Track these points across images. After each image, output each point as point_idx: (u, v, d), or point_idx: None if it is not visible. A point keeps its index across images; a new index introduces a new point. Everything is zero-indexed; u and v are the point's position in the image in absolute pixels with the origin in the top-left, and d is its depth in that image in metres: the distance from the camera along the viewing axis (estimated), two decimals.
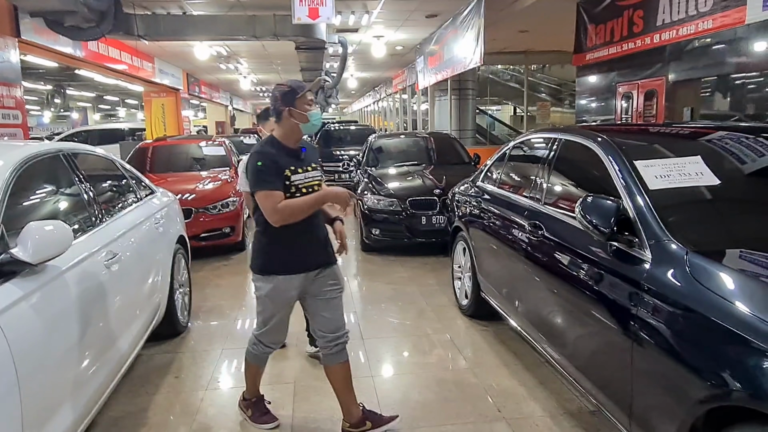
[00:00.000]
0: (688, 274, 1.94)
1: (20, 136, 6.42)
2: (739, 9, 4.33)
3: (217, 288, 5.57)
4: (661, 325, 1.97)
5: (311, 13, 5.73)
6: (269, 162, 2.42)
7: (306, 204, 2.45)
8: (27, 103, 25.03)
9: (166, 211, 4.23)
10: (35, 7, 5.62)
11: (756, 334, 1.61)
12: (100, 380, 2.51)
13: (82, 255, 2.50)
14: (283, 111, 2.48)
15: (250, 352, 2.82)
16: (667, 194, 2.34)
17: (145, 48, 10.88)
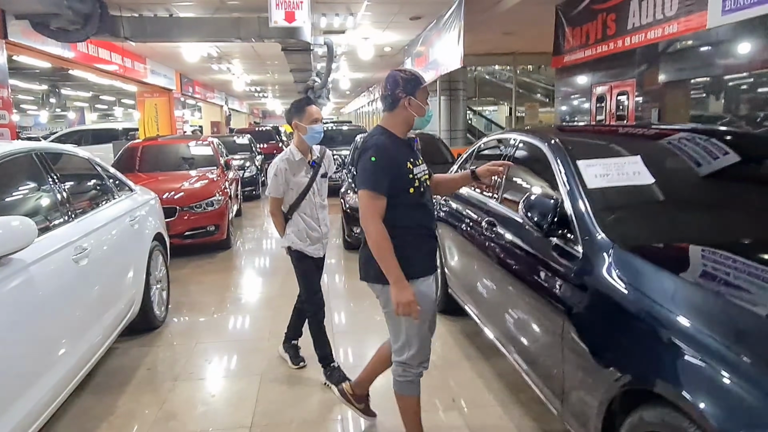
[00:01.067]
0: (610, 268, 2.06)
1: (7, 136, 6.53)
2: (701, 14, 4.46)
3: (199, 285, 5.68)
4: (585, 315, 2.11)
5: (287, 16, 5.85)
6: (385, 159, 2.19)
7: (387, 260, 2.17)
8: (24, 103, 24.97)
9: (143, 209, 4.35)
10: (20, 9, 5.74)
11: (658, 322, 1.73)
12: (65, 370, 2.63)
13: (48, 250, 2.63)
14: (402, 99, 2.25)
15: (401, 384, 2.40)
16: (603, 193, 2.46)
17: (136, 49, 11.00)
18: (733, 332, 1.57)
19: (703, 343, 1.56)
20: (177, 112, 16.36)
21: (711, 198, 2.54)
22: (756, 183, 2.68)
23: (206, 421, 2.95)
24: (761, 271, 1.96)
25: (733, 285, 1.88)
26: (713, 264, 2.05)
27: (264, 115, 49.29)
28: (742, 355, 1.46)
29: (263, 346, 3.93)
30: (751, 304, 1.72)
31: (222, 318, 4.65)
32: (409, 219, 2.28)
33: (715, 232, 2.31)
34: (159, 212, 4.90)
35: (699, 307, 1.72)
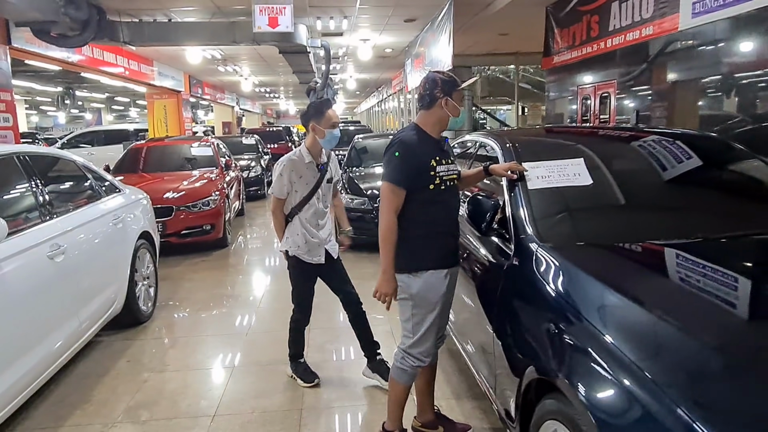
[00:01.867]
0: (532, 266, 2.17)
1: (10, 138, 6.79)
2: (673, 16, 4.51)
3: (190, 282, 5.86)
4: (510, 311, 2.22)
5: (271, 22, 6.01)
6: (409, 155, 2.29)
7: (387, 252, 2.33)
8: (43, 105, 25.46)
9: (130, 208, 4.53)
10: (20, 17, 6.00)
11: (562, 319, 1.83)
12: (38, 359, 2.81)
13: (21, 247, 2.80)
14: (439, 99, 2.34)
15: (397, 370, 2.49)
16: (542, 194, 2.55)
17: (142, 52, 11.28)
18: (628, 334, 1.62)
19: (598, 341, 1.61)
20: (188, 113, 16.67)
21: (648, 199, 2.62)
22: (699, 185, 2.74)
23: (173, 410, 3.10)
24: (675, 271, 2.05)
25: (643, 287, 1.92)
26: (632, 264, 2.14)
27: (278, 115, 49.65)
28: (632, 356, 1.49)
29: (240, 341, 4.09)
30: (651, 305, 1.74)
31: (206, 314, 4.82)
32: (424, 214, 2.36)
33: (648, 232, 2.39)
34: (148, 212, 5.09)
35: (601, 307, 1.80)
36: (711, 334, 1.56)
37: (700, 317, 1.65)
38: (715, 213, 2.51)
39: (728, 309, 1.77)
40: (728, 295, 1.82)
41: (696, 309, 1.70)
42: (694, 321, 1.63)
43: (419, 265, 2.37)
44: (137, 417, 3.04)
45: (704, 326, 1.60)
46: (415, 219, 2.35)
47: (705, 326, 1.60)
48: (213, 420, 2.97)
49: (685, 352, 1.50)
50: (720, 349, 1.50)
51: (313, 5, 7.30)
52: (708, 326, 1.60)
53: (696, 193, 2.65)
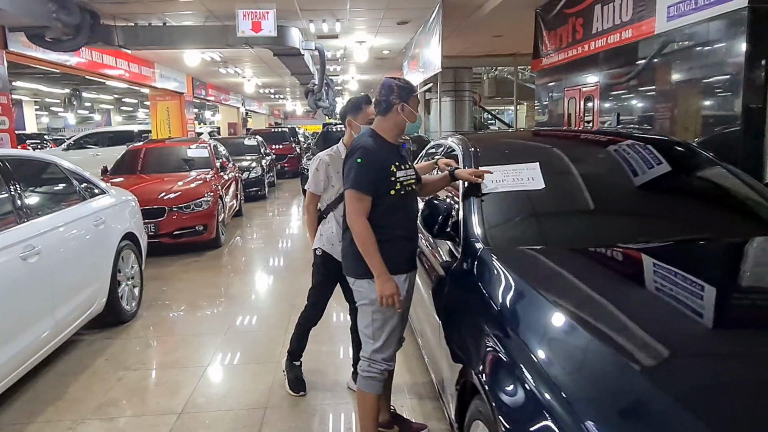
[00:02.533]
0: (473, 269, 2.22)
1: (6, 141, 6.94)
2: (650, 20, 4.54)
3: (179, 282, 5.95)
4: (451, 312, 2.28)
5: (254, 26, 6.10)
6: (371, 160, 2.31)
7: (372, 255, 2.30)
8: (52, 106, 25.78)
9: (113, 209, 4.63)
10: (13, 23, 6.14)
11: (488, 322, 1.88)
12: (7, 356, 2.90)
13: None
14: (396, 105, 2.38)
15: (366, 381, 2.46)
16: (493, 198, 2.60)
17: (143, 55, 11.43)
18: (545, 341, 1.64)
19: (516, 346, 1.65)
20: (191, 115, 16.84)
21: (598, 203, 2.64)
22: (653, 190, 2.76)
23: (142, 408, 3.19)
24: (607, 276, 2.07)
25: (571, 292, 1.92)
26: (567, 269, 2.14)
27: (285, 116, 49.90)
28: (544, 364, 1.51)
29: (217, 341, 4.16)
30: (575, 312, 1.75)
31: (190, 314, 4.90)
32: (387, 219, 2.37)
33: (592, 237, 2.43)
34: (135, 213, 5.18)
35: (524, 312, 1.83)
36: (626, 343, 1.56)
37: (618, 324, 1.67)
38: (665, 218, 2.54)
39: (652, 314, 1.77)
40: (655, 300, 1.86)
41: (615, 315, 1.73)
42: (613, 328, 1.63)
43: None
44: (106, 414, 3.12)
45: (621, 334, 1.60)
46: (375, 224, 2.34)
47: (622, 334, 1.60)
48: (179, 417, 3.04)
49: (598, 363, 1.49)
50: (633, 359, 1.47)
51: (304, 8, 7.38)
52: (625, 333, 1.61)
53: (648, 197, 2.68)
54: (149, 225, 6.77)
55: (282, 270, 6.51)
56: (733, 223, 2.48)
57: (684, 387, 1.34)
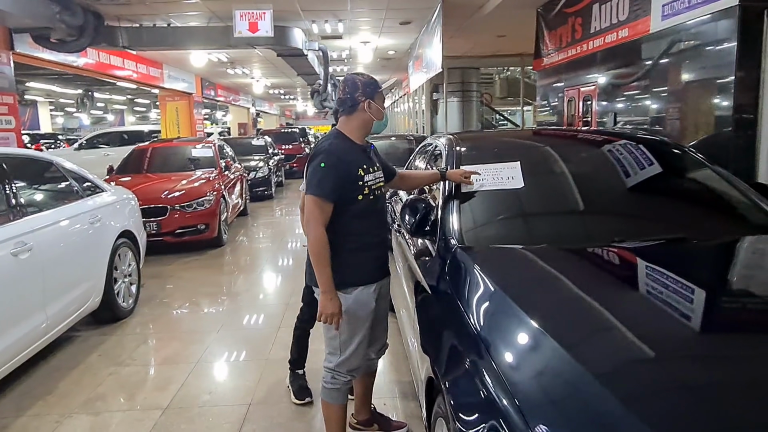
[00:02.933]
0: (444, 267, 2.23)
1: (12, 140, 7.06)
2: (645, 19, 4.50)
3: (179, 280, 6.02)
4: (424, 309, 2.28)
5: (251, 27, 6.14)
6: (336, 165, 2.18)
7: (322, 269, 2.17)
8: (67, 106, 26.16)
9: (110, 208, 4.69)
10: (17, 24, 6.25)
11: (452, 321, 1.88)
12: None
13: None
14: (361, 102, 2.25)
15: (329, 392, 2.39)
16: (472, 197, 2.60)
17: (151, 56, 11.57)
18: (504, 342, 1.62)
19: (475, 345, 1.64)
20: (200, 115, 16.98)
21: (576, 202, 2.63)
22: (634, 190, 2.73)
23: (129, 403, 3.23)
24: (575, 276, 2.05)
25: (535, 292, 1.91)
26: (535, 268, 2.11)
27: (297, 116, 50.13)
28: (500, 366, 1.49)
29: (210, 338, 4.21)
30: (538, 314, 1.70)
31: (185, 312, 4.96)
32: (356, 226, 2.26)
33: (566, 236, 2.42)
34: (133, 211, 5.24)
35: (487, 311, 1.82)
36: (586, 346, 1.54)
37: (579, 325, 1.65)
38: (639, 217, 2.52)
39: (614, 315, 1.70)
40: (617, 300, 1.84)
41: (577, 315, 1.71)
42: (573, 329, 1.62)
43: (349, 281, 2.26)
44: (94, 409, 3.17)
45: (582, 336, 1.59)
46: (343, 232, 2.23)
47: (583, 336, 1.59)
48: (163, 413, 3.08)
49: (555, 366, 1.46)
50: (591, 363, 1.43)
51: (306, 9, 7.42)
52: (585, 335, 1.60)
53: (624, 196, 2.65)
54: (151, 223, 6.88)
55: (281, 269, 6.55)
56: (711, 223, 2.45)
57: (639, 392, 1.32)
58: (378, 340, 2.56)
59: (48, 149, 18.95)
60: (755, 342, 1.52)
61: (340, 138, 2.29)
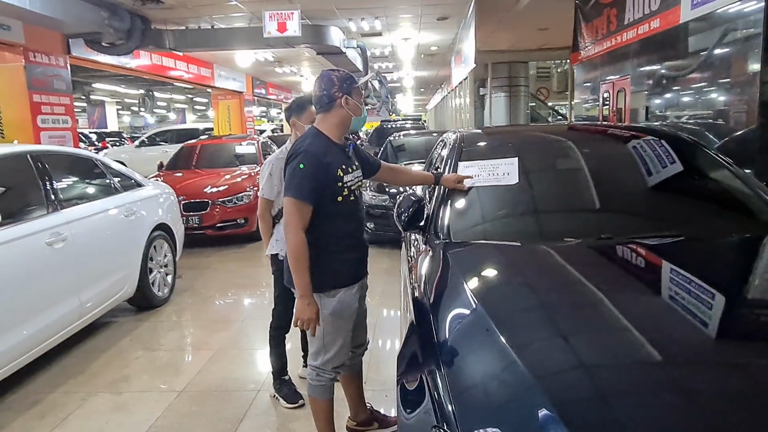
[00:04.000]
0: (434, 261, 2.25)
1: (69, 138, 7.58)
2: (675, 9, 4.33)
3: (215, 271, 6.30)
4: (411, 303, 2.32)
5: (280, 27, 6.30)
6: (315, 166, 2.13)
7: (300, 273, 2.15)
8: (131, 106, 27.62)
9: (147, 202, 4.96)
10: (70, 31, 6.72)
11: (418, 313, 1.92)
12: (33, 330, 3.24)
13: (18, 234, 3.23)
14: (338, 99, 2.19)
15: (316, 388, 2.41)
16: (464, 193, 2.61)
17: (201, 56, 12.06)
18: (457, 343, 1.62)
19: (430, 342, 1.65)
20: (250, 113, 17.55)
21: (568, 199, 2.58)
22: (636, 187, 2.65)
23: (149, 385, 3.45)
24: (550, 275, 2.03)
25: (503, 290, 1.91)
26: (510, 265, 2.10)
27: None
28: (445, 366, 1.49)
29: (233, 327, 4.40)
30: (502, 310, 1.72)
31: (216, 301, 5.19)
32: (336, 228, 2.24)
33: (552, 232, 2.39)
34: (170, 205, 5.51)
35: (446, 310, 1.81)
36: (535, 349, 1.50)
37: (535, 327, 1.62)
38: (631, 214, 2.46)
39: (571, 315, 1.68)
40: (580, 300, 1.80)
41: (535, 316, 1.70)
42: (528, 331, 1.59)
43: (333, 284, 2.25)
44: (117, 388, 3.40)
45: (532, 338, 1.55)
46: (323, 234, 2.20)
47: (533, 338, 1.55)
48: (178, 396, 3.26)
49: (501, 369, 1.44)
50: (536, 368, 1.39)
51: (341, 7, 7.54)
52: (536, 338, 1.56)
53: (617, 194, 2.56)
54: (194, 217, 7.23)
55: None
56: (699, 220, 2.37)
57: (583, 400, 1.30)
58: (358, 338, 2.56)
59: (113, 146, 20.13)
60: (702, 345, 1.48)
61: (319, 137, 2.23)
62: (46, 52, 7.06)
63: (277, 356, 3.19)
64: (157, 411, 3.09)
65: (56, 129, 7.38)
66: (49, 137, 7.26)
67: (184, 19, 7.90)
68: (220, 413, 3.05)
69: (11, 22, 6.26)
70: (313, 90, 2.30)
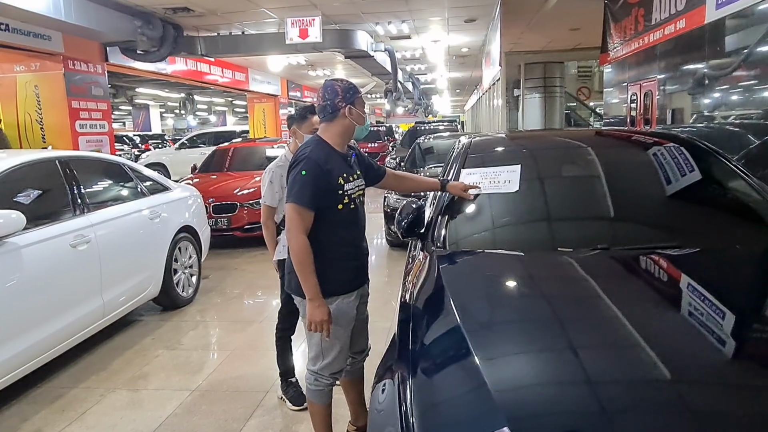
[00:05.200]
0: (424, 270, 2.26)
1: (106, 142, 7.90)
2: (700, 9, 4.19)
3: (241, 272, 6.44)
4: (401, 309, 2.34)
5: (301, 33, 6.39)
6: (316, 173, 2.16)
7: (307, 277, 2.17)
8: (174, 109, 28.49)
9: (172, 205, 5.12)
10: (106, 39, 7.02)
11: (402, 318, 1.93)
12: (58, 327, 3.41)
13: (44, 237, 3.41)
14: (342, 108, 2.24)
15: (313, 393, 2.43)
16: (462, 202, 2.60)
17: (236, 61, 12.35)
18: (429, 352, 1.65)
19: (405, 347, 1.69)
20: (284, 115, 17.84)
21: (567, 207, 2.55)
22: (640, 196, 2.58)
23: (165, 383, 3.57)
24: (539, 287, 2.01)
25: (486, 301, 1.90)
26: (498, 276, 2.09)
27: (388, 114, 50.73)
28: (417, 377, 1.51)
29: (251, 328, 4.50)
30: (478, 322, 1.73)
31: (239, 302, 5.32)
32: (336, 235, 2.26)
33: (546, 242, 2.36)
34: (197, 208, 5.67)
35: (434, 322, 1.82)
36: (502, 363, 1.51)
37: (511, 345, 1.61)
38: (638, 224, 2.40)
39: (549, 328, 1.66)
40: (559, 309, 1.78)
41: (515, 330, 1.69)
42: (500, 346, 1.59)
43: (330, 291, 2.25)
44: (134, 386, 3.53)
45: (506, 352, 1.56)
46: (323, 241, 2.22)
47: (506, 352, 1.56)
48: (191, 394, 3.37)
49: (463, 385, 1.45)
50: (503, 383, 1.40)
51: (366, 11, 7.60)
52: (506, 353, 1.56)
53: (616, 203, 2.50)
54: (222, 219, 7.42)
55: None
56: (695, 230, 2.29)
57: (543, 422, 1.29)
58: (358, 344, 2.57)
59: (155, 149, 20.82)
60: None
61: (321, 145, 2.27)
62: (84, 60, 7.41)
63: (283, 358, 3.26)
64: (169, 408, 3.20)
65: (94, 133, 7.71)
66: (87, 141, 7.58)
67: (216, 25, 8.12)
68: (229, 413, 3.14)
69: (51, 32, 6.59)
70: (316, 99, 2.34)
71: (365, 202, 2.46)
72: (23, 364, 3.20)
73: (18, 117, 7.39)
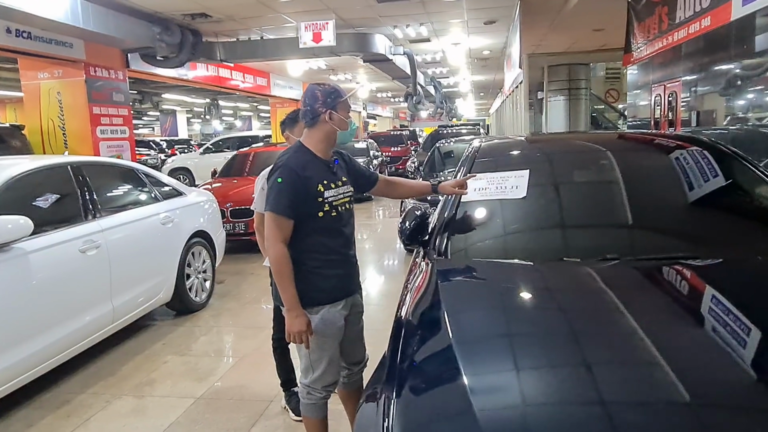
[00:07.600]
0: (422, 279, 2.18)
1: (126, 148, 8.00)
2: (726, 6, 4.01)
3: (256, 277, 6.42)
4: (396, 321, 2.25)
5: (315, 37, 6.34)
6: (293, 180, 2.11)
7: (285, 286, 2.13)
8: (200, 114, 28.99)
9: (185, 210, 5.13)
10: (126, 46, 7.12)
11: (397, 328, 1.85)
12: (67, 332, 3.41)
13: (52, 242, 3.42)
14: (322, 114, 2.18)
15: (307, 407, 2.37)
16: (465, 210, 2.51)
17: (258, 66, 12.44)
18: (421, 363, 1.59)
19: (394, 360, 1.62)
20: None
21: (575, 215, 2.43)
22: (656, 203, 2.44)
23: (171, 390, 3.54)
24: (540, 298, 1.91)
25: (479, 313, 1.84)
26: (494, 287, 2.02)
27: (412, 118, 50.75)
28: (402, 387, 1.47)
29: (262, 335, 4.43)
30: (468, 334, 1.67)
31: (251, 307, 5.29)
32: (318, 243, 2.20)
33: (563, 252, 2.25)
34: (211, 213, 5.68)
35: (426, 338, 1.76)
36: (490, 380, 1.44)
37: (500, 365, 1.52)
38: (652, 233, 2.27)
39: (538, 340, 1.59)
40: (555, 322, 1.67)
41: (506, 346, 1.60)
42: (492, 370, 1.50)
43: (315, 300, 2.20)
44: (141, 392, 3.51)
45: (493, 375, 1.47)
46: (306, 249, 2.17)
47: (494, 375, 1.48)
48: (195, 402, 3.33)
49: (450, 404, 1.38)
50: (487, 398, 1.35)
51: (384, 15, 7.54)
52: (496, 369, 1.49)
53: (637, 211, 2.36)
54: (240, 224, 7.44)
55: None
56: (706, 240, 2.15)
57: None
58: (354, 356, 2.49)
59: (181, 153, 21.14)
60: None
61: (301, 152, 2.22)
62: (105, 66, 7.53)
63: (282, 368, 3.20)
64: (172, 417, 3.16)
65: (114, 139, 7.82)
66: (108, 147, 7.69)
67: (234, 31, 8.17)
68: (231, 422, 3.09)
69: (72, 40, 6.71)
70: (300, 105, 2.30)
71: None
72: (30, 369, 3.21)
73: (42, 123, 7.54)
